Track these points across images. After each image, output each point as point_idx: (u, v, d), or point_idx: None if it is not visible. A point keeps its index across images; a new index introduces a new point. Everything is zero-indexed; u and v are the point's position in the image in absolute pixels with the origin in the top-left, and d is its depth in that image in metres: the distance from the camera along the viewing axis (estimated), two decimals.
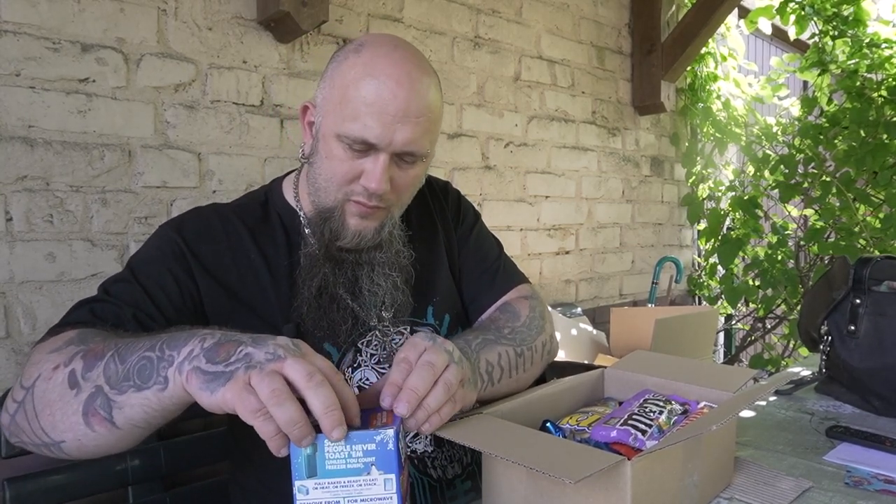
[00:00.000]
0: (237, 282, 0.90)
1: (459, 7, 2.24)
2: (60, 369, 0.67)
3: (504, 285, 1.08)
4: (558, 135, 2.65)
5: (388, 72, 0.82)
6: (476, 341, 0.88)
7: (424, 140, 0.85)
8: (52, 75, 1.37)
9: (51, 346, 0.72)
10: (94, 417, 0.65)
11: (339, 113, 0.84)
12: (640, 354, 1.04)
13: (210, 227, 0.92)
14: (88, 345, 0.69)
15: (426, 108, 0.84)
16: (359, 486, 0.58)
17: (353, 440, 0.58)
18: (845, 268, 1.22)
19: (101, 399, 0.64)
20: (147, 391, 0.63)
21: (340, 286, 0.91)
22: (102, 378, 0.65)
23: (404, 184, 0.89)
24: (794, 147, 2.98)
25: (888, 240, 2.58)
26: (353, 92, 0.82)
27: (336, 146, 0.85)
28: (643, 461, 0.63)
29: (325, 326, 0.90)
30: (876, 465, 0.88)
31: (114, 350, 0.66)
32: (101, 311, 0.80)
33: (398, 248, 0.94)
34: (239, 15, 1.66)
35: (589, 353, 2.34)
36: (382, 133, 0.81)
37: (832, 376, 1.23)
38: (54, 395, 0.67)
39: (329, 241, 0.89)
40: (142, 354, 0.64)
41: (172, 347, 0.63)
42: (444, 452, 0.96)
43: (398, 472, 0.58)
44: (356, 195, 0.86)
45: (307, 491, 0.58)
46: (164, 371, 0.62)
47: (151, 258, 0.88)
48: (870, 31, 2.90)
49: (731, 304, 3.13)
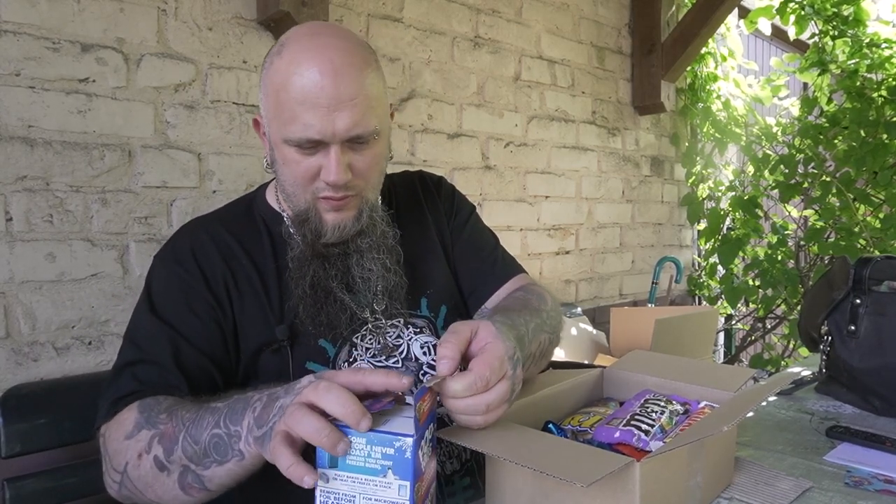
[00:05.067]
0: (235, 288, 0.92)
1: (459, 7, 2.24)
2: (144, 457, 0.74)
3: (505, 274, 1.08)
4: (558, 135, 2.65)
5: (309, 64, 0.81)
6: (531, 326, 0.88)
7: (367, 120, 0.84)
8: (52, 75, 1.37)
9: (122, 430, 0.77)
10: (191, 489, 0.72)
11: (278, 119, 0.84)
12: (638, 354, 1.04)
13: (200, 243, 0.94)
14: (158, 427, 0.75)
15: (358, 88, 0.83)
16: (374, 486, 0.59)
17: (374, 441, 0.58)
18: (845, 268, 1.22)
19: (192, 476, 0.71)
20: (228, 464, 0.70)
21: (332, 279, 0.92)
22: (185, 459, 0.71)
23: (366, 166, 0.88)
24: (794, 147, 2.98)
25: (888, 240, 2.58)
26: (284, 95, 0.83)
27: (287, 151, 0.85)
28: (651, 462, 0.63)
29: (324, 322, 0.91)
30: (876, 465, 0.88)
31: (184, 431, 0.72)
32: (143, 376, 0.83)
33: (383, 229, 0.94)
34: (239, 15, 1.66)
35: (589, 353, 2.34)
36: (322, 126, 0.81)
37: (832, 376, 1.23)
38: (149, 478, 0.73)
39: (313, 240, 0.90)
40: (211, 433, 0.70)
41: (235, 422, 0.69)
42: (443, 448, 0.96)
43: (413, 479, 0.58)
44: (322, 192, 0.87)
45: (328, 479, 0.60)
46: (236, 445, 0.69)
47: (165, 300, 0.90)
48: (870, 31, 2.90)
49: (731, 304, 3.12)
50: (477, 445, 0.66)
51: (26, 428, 1.11)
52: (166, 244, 0.96)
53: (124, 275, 1.47)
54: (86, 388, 1.21)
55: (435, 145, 2.18)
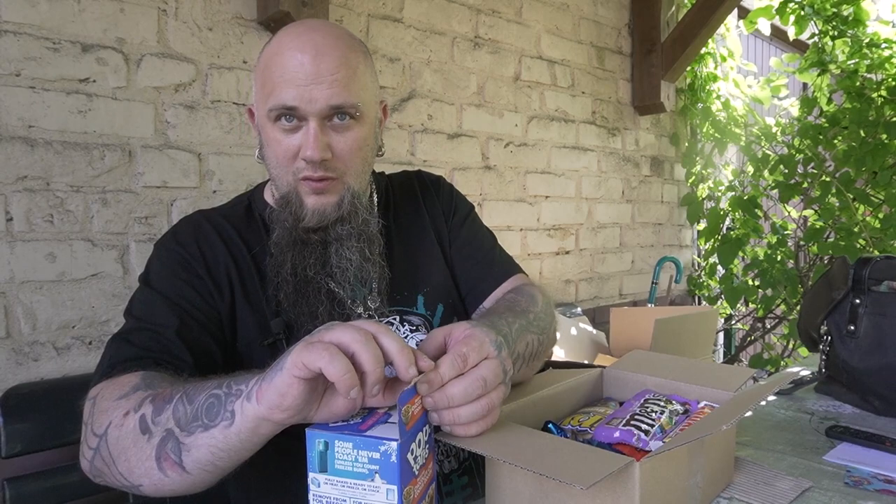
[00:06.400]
0: (237, 276, 0.92)
1: (459, 7, 2.24)
2: (131, 415, 0.68)
3: (502, 273, 1.08)
4: (558, 135, 2.65)
5: (293, 45, 0.84)
6: (514, 326, 0.87)
7: (348, 92, 0.85)
8: (53, 75, 1.37)
9: (117, 391, 0.73)
10: (167, 462, 0.66)
11: (262, 95, 0.87)
12: (637, 354, 1.04)
13: (203, 230, 0.94)
14: (156, 389, 0.70)
15: (340, 63, 0.84)
16: (363, 491, 0.59)
17: (360, 445, 0.58)
18: (845, 268, 1.22)
19: (172, 442, 0.65)
20: (214, 429, 0.63)
21: (310, 268, 0.91)
22: (172, 421, 0.65)
23: (346, 148, 0.88)
24: (794, 147, 2.98)
25: (888, 240, 2.58)
26: (268, 73, 0.85)
27: (271, 130, 0.87)
28: (651, 462, 0.63)
29: (304, 311, 0.90)
30: (876, 464, 0.89)
31: (182, 392, 0.67)
32: (141, 342, 0.81)
33: (364, 217, 0.94)
34: (239, 15, 1.66)
35: (589, 353, 2.34)
36: (299, 94, 0.83)
37: (832, 376, 1.23)
38: (128, 441, 0.68)
39: (293, 225, 0.90)
40: (210, 392, 0.65)
41: (240, 382, 0.64)
42: (441, 447, 0.96)
43: (400, 483, 0.58)
44: (302, 171, 0.87)
45: (319, 484, 0.60)
46: (230, 405, 0.63)
47: (163, 275, 0.89)
48: (870, 31, 2.91)
49: (730, 304, 3.13)
50: (476, 447, 0.65)
51: (26, 428, 1.11)
52: (167, 231, 0.96)
53: (124, 275, 1.47)
54: (86, 388, 1.21)
55: (435, 145, 2.18)
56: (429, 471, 0.64)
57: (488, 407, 0.66)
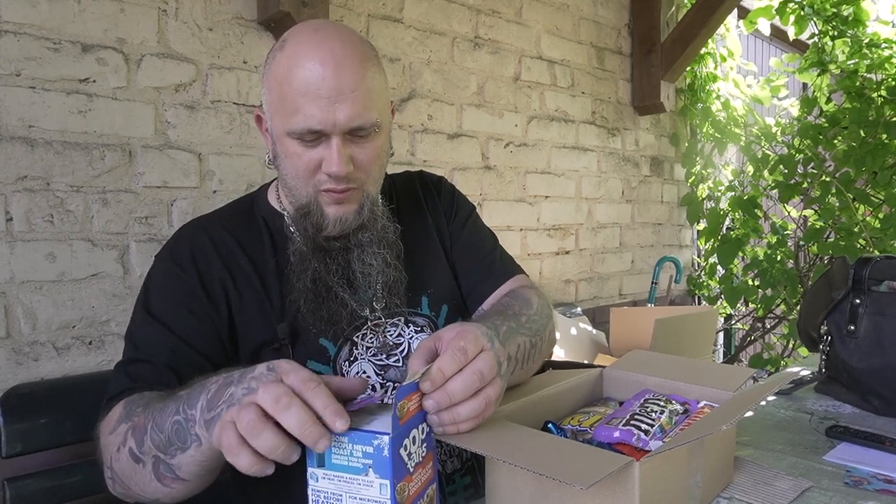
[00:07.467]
0: (234, 289, 0.92)
1: (459, 7, 2.24)
2: (122, 449, 0.74)
3: (502, 275, 1.08)
4: (558, 135, 2.65)
5: (311, 56, 0.83)
6: (503, 329, 0.87)
7: (369, 111, 0.85)
8: (53, 75, 1.37)
9: (108, 426, 0.79)
10: (166, 479, 0.72)
11: (281, 112, 0.85)
12: (637, 354, 1.04)
13: (200, 245, 0.94)
14: (133, 419, 0.75)
15: (359, 79, 0.84)
16: (358, 485, 0.59)
17: (354, 440, 0.59)
18: (845, 268, 1.22)
19: (163, 465, 0.71)
20: (189, 450, 0.68)
21: (333, 275, 0.92)
22: (154, 448, 0.71)
23: (367, 159, 0.89)
24: (794, 147, 2.98)
25: (888, 240, 2.58)
26: (287, 87, 0.84)
27: (289, 144, 0.86)
28: (651, 462, 0.63)
29: (325, 318, 0.91)
30: (875, 464, 0.89)
31: (151, 421, 0.72)
32: (136, 374, 0.85)
33: (383, 223, 0.95)
34: (239, 15, 1.66)
35: (589, 353, 2.34)
36: (324, 117, 0.82)
37: (832, 376, 1.23)
38: (129, 471, 0.74)
39: (314, 234, 0.91)
40: (172, 419, 0.69)
41: (191, 406, 0.68)
42: (444, 447, 0.96)
43: (393, 477, 0.58)
44: (324, 184, 0.87)
45: (317, 478, 0.61)
46: (192, 430, 0.67)
47: (161, 298, 0.91)
48: (869, 32, 2.91)
49: (730, 304, 3.13)
50: (476, 447, 0.65)
51: (26, 428, 1.11)
52: (166, 244, 0.97)
53: (125, 275, 1.47)
54: (86, 387, 1.22)
55: (435, 145, 2.18)
56: (427, 470, 0.64)
57: (485, 402, 0.67)
